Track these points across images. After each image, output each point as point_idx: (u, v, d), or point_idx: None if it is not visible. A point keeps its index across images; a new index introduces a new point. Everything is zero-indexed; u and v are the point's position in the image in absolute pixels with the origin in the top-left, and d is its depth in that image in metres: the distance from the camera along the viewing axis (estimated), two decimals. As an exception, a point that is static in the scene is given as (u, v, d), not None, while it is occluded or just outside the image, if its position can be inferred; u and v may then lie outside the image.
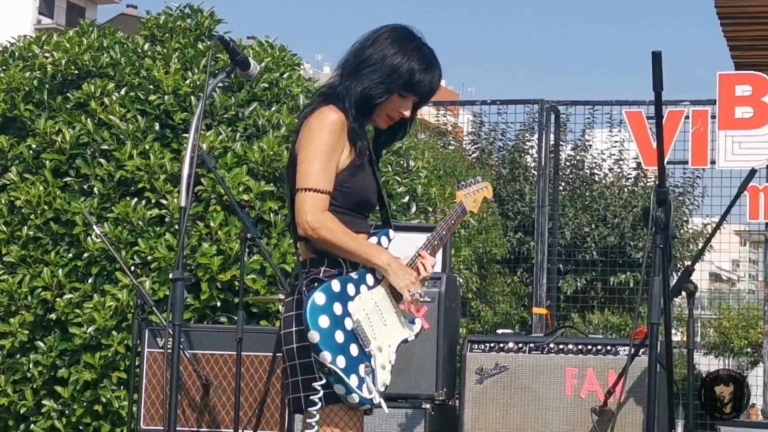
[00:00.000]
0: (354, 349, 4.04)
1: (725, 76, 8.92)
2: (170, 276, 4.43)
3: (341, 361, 3.98)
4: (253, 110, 8.75)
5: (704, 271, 17.59)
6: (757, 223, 9.03)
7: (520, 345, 6.64)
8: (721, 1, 12.21)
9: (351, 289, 4.10)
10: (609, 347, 6.55)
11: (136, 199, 8.43)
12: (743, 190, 6.00)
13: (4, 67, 9.47)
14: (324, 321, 3.97)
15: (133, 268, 8.20)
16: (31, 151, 8.77)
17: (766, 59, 13.78)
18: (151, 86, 8.79)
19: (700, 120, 8.91)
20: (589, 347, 6.56)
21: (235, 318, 6.98)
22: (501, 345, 6.66)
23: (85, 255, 8.38)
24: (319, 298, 3.99)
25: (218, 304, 8.16)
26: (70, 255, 8.47)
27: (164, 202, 8.40)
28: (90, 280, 8.40)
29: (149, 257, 8.24)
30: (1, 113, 9.05)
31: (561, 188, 16.80)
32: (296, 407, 4.14)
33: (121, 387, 8.22)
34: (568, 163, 17.46)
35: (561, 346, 6.59)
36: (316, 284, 4.08)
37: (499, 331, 7.14)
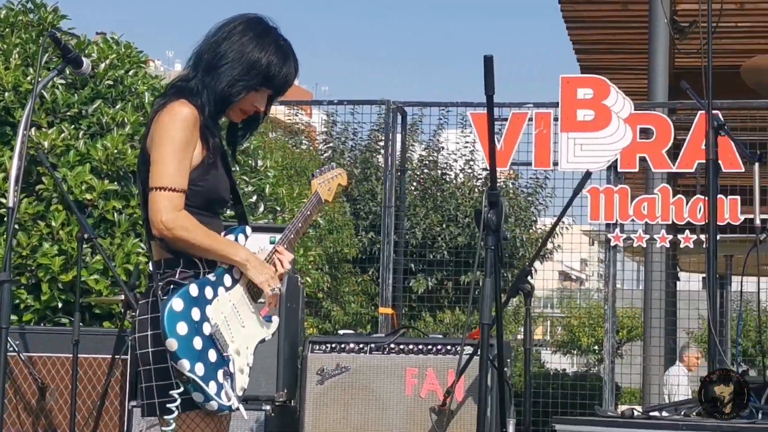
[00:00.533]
0: (212, 355, 3.96)
1: (567, 79, 9.08)
2: (-2, 278, 4.34)
3: (200, 368, 3.89)
4: (97, 108, 8.61)
5: (554, 270, 17.93)
6: (602, 223, 9.20)
7: (361, 345, 6.67)
8: (566, 5, 12.48)
9: (209, 292, 4.01)
10: (449, 347, 6.61)
11: (-26, 198, 8.24)
12: (578, 193, 6.12)
13: None
14: (182, 328, 3.87)
15: (-30, 269, 8.01)
16: None
17: (610, 62, 14.14)
18: (-9, 82, 8.60)
19: (543, 122, 9.05)
20: (429, 347, 6.62)
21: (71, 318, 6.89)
22: (342, 345, 6.67)
23: None
24: (176, 304, 3.89)
25: (59, 305, 8.03)
26: None
27: (3, 200, 8.22)
28: (-75, 281, 8.17)
29: (-13, 257, 8.06)
30: None
31: (413, 188, 16.94)
32: (149, 412, 4.02)
33: (-42, 390, 8.03)
34: (420, 164, 17.60)
35: (402, 347, 6.63)
36: (172, 287, 3.99)
37: (341, 332, 7.18)
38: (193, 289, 3.95)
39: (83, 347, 6.39)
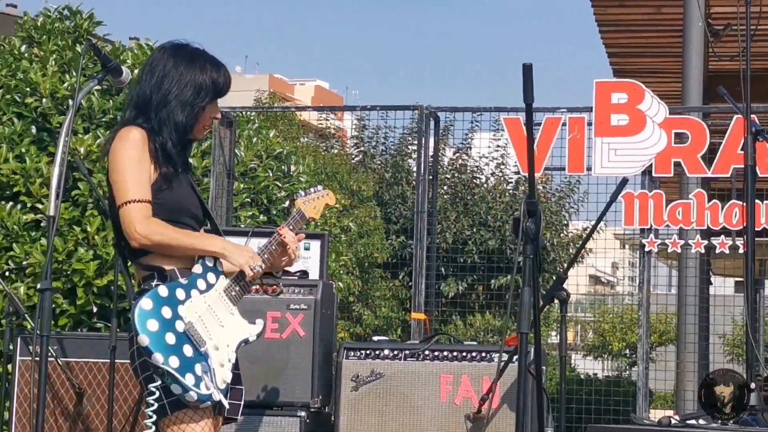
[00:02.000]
0: (188, 350, 4.18)
1: (602, 84, 9.04)
2: (38, 286, 4.40)
3: (174, 361, 4.12)
4: (131, 114, 8.65)
5: (583, 276, 17.87)
6: (633, 228, 9.16)
7: (395, 352, 6.66)
8: (599, 9, 12.43)
9: (180, 293, 4.25)
10: (483, 354, 6.60)
11: (11, 204, 8.29)
12: (614, 199, 6.11)
13: None
14: (152, 324, 4.13)
15: (7, 274, 8.07)
16: None
17: (644, 65, 14.08)
18: (28, 89, 8.66)
19: (577, 127, 9.02)
20: (464, 354, 6.61)
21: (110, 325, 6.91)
22: (377, 352, 6.67)
23: (-42, 260, 8.22)
24: (145, 303, 4.16)
25: (94, 309, 8.07)
26: (-57, 259, 8.30)
27: (40, 206, 8.27)
28: (-38, 286, 8.23)
29: (24, 263, 8.11)
30: None
31: (443, 192, 16.94)
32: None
33: (-7, 394, 8.08)
34: (450, 168, 17.61)
35: (436, 353, 6.62)
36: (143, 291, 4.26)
37: (375, 338, 7.16)
38: (162, 290, 4.22)
39: (119, 352, 6.41)
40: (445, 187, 17.29)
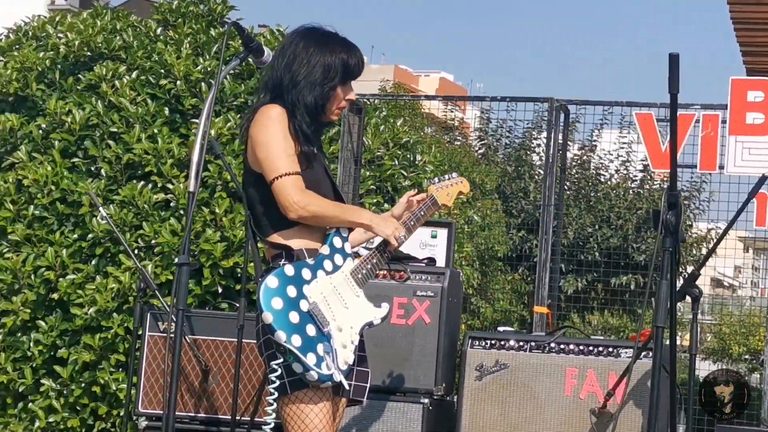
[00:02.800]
0: (311, 329, 4.20)
1: (738, 81, 8.88)
2: (176, 261, 4.43)
3: (297, 340, 4.14)
4: (262, 98, 8.72)
5: (706, 276, 17.58)
6: (763, 230, 9.00)
7: (521, 343, 6.62)
8: (735, 6, 12.19)
9: (306, 273, 4.27)
10: (611, 349, 6.52)
11: (142, 183, 8.43)
12: (753, 197, 5.98)
13: (17, 46, 9.47)
14: (277, 302, 4.16)
15: (136, 252, 8.19)
16: (40, 131, 8.77)
17: (778, 65, 13.76)
18: (162, 71, 8.79)
19: (711, 124, 8.88)
20: (591, 348, 6.53)
21: (236, 305, 6.98)
22: (502, 342, 6.63)
23: (90, 236, 8.38)
24: (271, 281, 4.19)
25: (219, 290, 8.17)
26: (75, 236, 8.47)
27: (170, 186, 8.39)
28: (93, 262, 8.40)
29: (153, 241, 8.24)
30: (13, 92, 9.04)
31: (566, 188, 16.81)
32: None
33: (120, 369, 8.22)
34: (573, 163, 17.46)
35: (562, 346, 6.56)
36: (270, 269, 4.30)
37: (500, 329, 7.12)
38: (289, 270, 4.25)
39: (247, 332, 6.46)
40: (568, 183, 17.16)
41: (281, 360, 4.18)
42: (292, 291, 4.20)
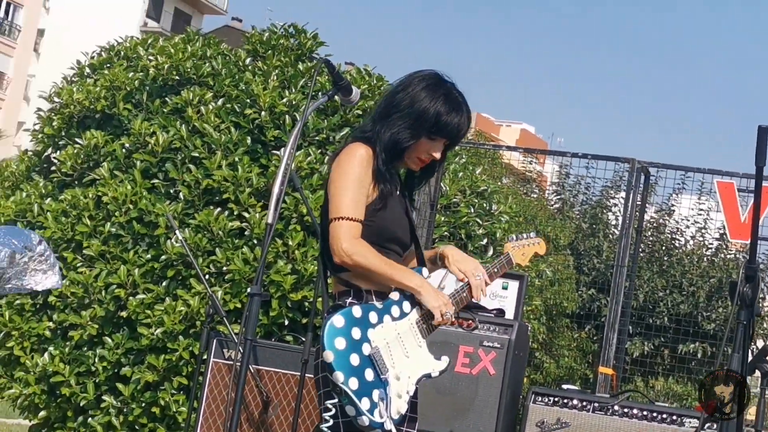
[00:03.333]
0: (369, 374, 4.14)
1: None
2: (249, 290, 4.46)
3: (354, 383, 4.09)
4: (344, 135, 8.78)
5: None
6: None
7: (584, 403, 6.56)
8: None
9: (373, 317, 4.22)
10: (675, 417, 6.44)
11: (219, 209, 8.49)
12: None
13: (108, 65, 9.62)
14: (340, 342, 4.10)
15: (207, 277, 8.25)
16: (124, 150, 8.89)
17: None
18: (248, 100, 8.87)
19: (795, 199, 8.77)
20: (654, 414, 6.46)
21: (302, 338, 6.99)
22: (565, 400, 6.58)
23: (163, 258, 8.45)
24: (337, 320, 4.14)
25: (286, 322, 8.18)
26: (149, 256, 8.55)
27: (246, 215, 8.44)
28: (164, 283, 8.46)
29: (224, 268, 8.29)
30: (100, 109, 9.18)
31: (640, 249, 16.69)
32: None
33: (181, 392, 8.26)
34: (649, 225, 17.34)
35: (626, 410, 6.49)
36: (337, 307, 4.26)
37: (564, 387, 7.06)
38: (356, 311, 4.20)
39: (311, 367, 6.46)
40: (642, 245, 17.04)
41: (336, 400, 4.16)
42: (356, 333, 4.16)
